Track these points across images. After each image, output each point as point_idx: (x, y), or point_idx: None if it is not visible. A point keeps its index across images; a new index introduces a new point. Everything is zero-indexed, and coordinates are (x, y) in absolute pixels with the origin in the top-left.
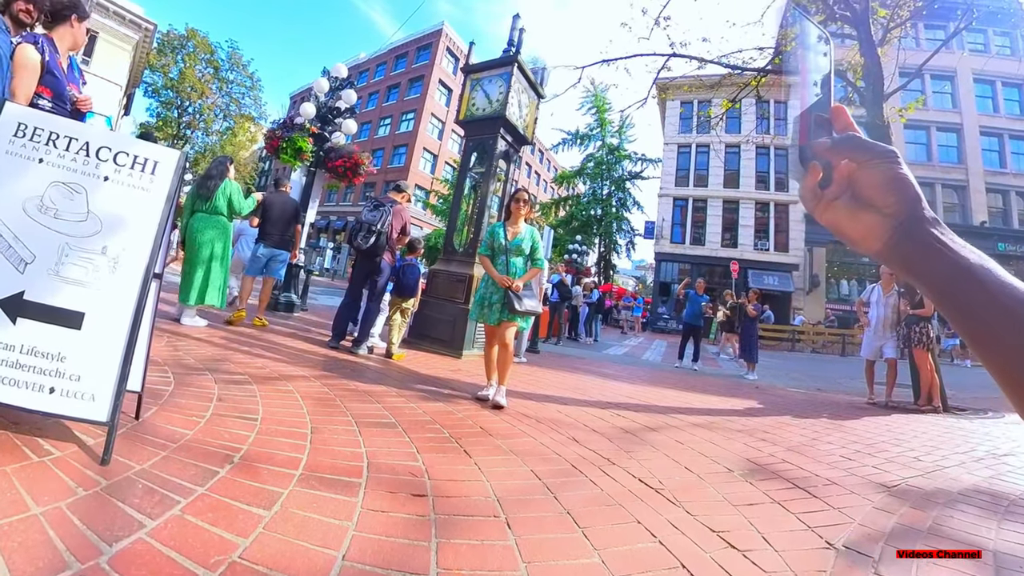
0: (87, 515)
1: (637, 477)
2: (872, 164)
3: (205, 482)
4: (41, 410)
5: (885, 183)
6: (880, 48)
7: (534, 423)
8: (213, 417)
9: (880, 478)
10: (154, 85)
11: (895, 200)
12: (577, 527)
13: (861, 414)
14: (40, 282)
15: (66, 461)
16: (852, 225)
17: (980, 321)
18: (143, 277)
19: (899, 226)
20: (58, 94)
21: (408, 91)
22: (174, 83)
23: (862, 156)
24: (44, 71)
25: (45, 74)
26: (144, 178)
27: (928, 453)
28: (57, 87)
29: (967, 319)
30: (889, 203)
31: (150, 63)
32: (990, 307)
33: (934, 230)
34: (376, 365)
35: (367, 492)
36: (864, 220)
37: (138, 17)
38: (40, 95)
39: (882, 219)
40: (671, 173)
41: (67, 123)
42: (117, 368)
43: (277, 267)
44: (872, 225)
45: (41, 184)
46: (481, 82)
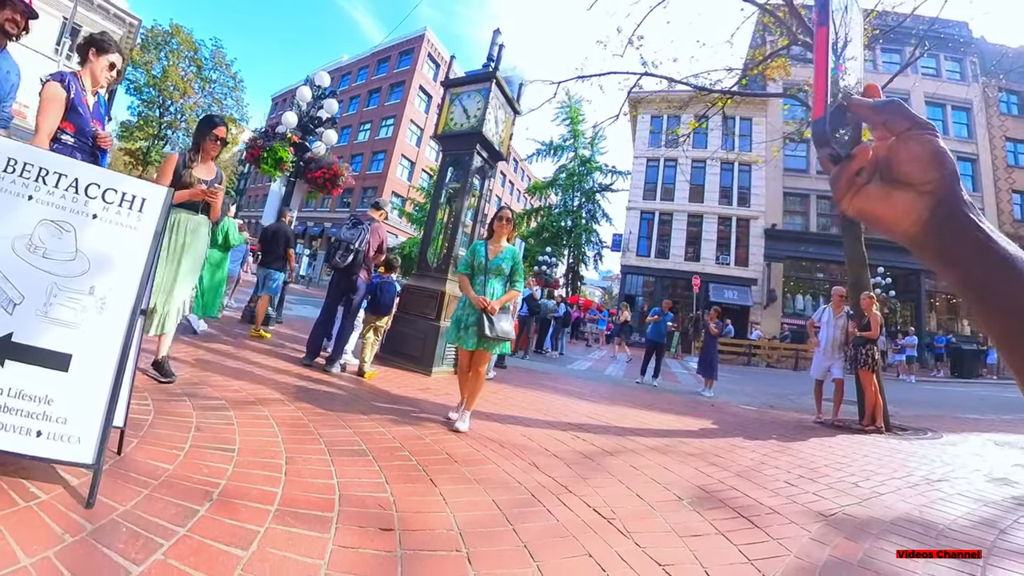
0: (75, 564)
1: (592, 507)
2: (912, 135)
3: (186, 522)
4: (28, 454)
5: (926, 156)
6: None
7: (498, 447)
8: (192, 449)
9: (819, 506)
10: (136, 83)
11: (937, 176)
12: (532, 561)
13: (808, 435)
14: (29, 324)
15: (52, 505)
16: (885, 206)
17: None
18: (129, 316)
19: (938, 206)
20: (80, 130)
21: (389, 96)
22: (157, 81)
23: (905, 123)
24: (68, 107)
25: (70, 111)
26: (132, 216)
27: (867, 479)
28: (80, 123)
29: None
30: (930, 179)
31: (133, 60)
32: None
33: (971, 214)
34: (348, 385)
35: (339, 527)
36: (899, 200)
37: (122, 12)
38: (63, 130)
39: (918, 197)
40: (639, 186)
41: (56, 158)
42: (103, 409)
43: (272, 285)
44: (908, 205)
45: (31, 222)
46: (460, 96)
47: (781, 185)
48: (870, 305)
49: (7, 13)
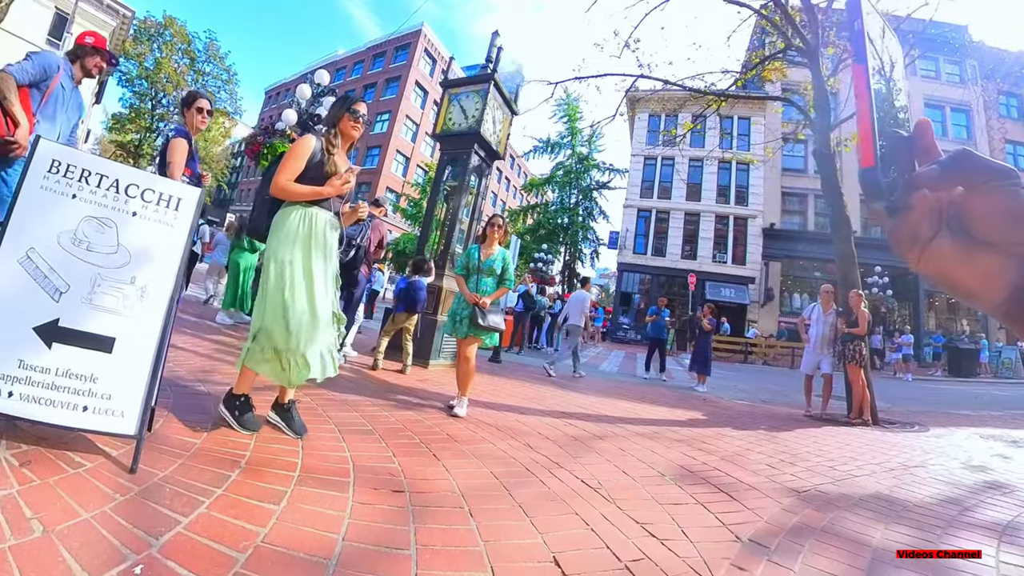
0: (130, 516)
1: (580, 479)
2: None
3: (221, 484)
4: (76, 427)
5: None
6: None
7: (494, 430)
8: (214, 428)
9: (795, 484)
10: (128, 75)
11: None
12: (526, 516)
13: (795, 426)
14: (74, 310)
15: (98, 471)
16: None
17: None
18: (168, 305)
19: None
20: (193, 172)
21: (384, 91)
22: (149, 73)
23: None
24: (190, 157)
25: (190, 160)
26: (169, 214)
27: (845, 463)
28: (193, 167)
29: None
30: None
31: (126, 51)
32: None
33: None
34: (350, 375)
35: (355, 489)
36: (982, 263)
37: (116, 3)
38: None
39: (1006, 260)
40: (637, 184)
41: (97, 160)
42: (144, 387)
43: None
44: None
45: (74, 218)
46: (459, 97)
47: (779, 184)
48: (858, 302)
49: (96, 60)
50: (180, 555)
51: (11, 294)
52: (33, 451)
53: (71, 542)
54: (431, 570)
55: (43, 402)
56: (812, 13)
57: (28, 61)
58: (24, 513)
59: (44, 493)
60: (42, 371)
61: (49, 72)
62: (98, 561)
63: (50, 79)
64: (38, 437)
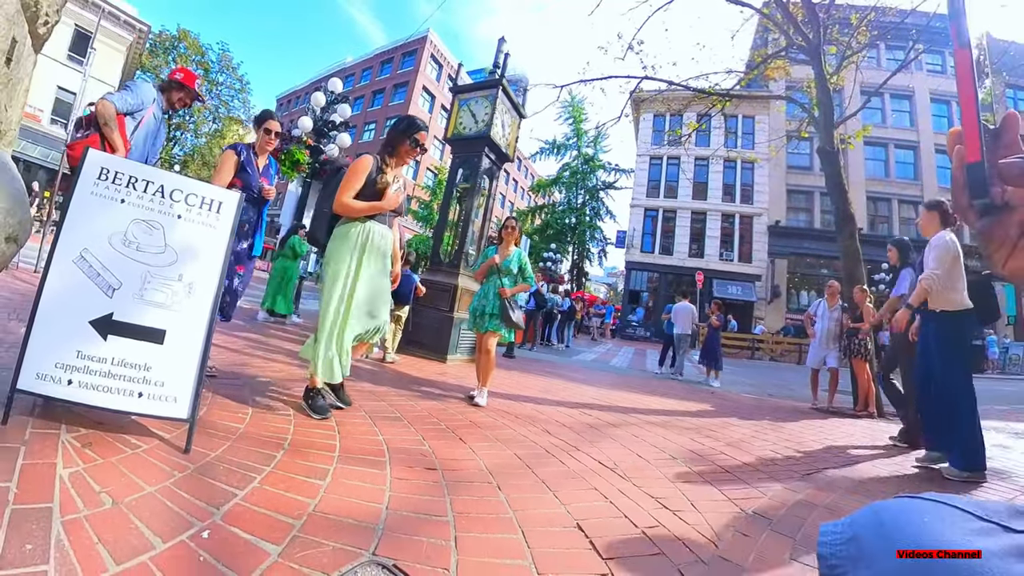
0: (190, 489)
1: (597, 460)
2: None
3: (269, 463)
4: (132, 411)
5: None
6: (837, 74)
7: (513, 418)
8: (255, 414)
9: (799, 467)
10: None
11: None
12: (549, 490)
13: (801, 417)
14: (127, 305)
15: (155, 452)
16: None
17: None
18: (213, 299)
19: None
20: (246, 185)
21: (393, 97)
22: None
23: None
24: (239, 168)
25: (240, 171)
26: (211, 216)
27: (849, 450)
28: (247, 180)
29: None
30: None
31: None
32: None
33: None
34: (372, 368)
35: (392, 467)
36: None
37: (132, 18)
38: (234, 185)
39: None
40: (643, 184)
41: (143, 168)
42: (195, 375)
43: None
44: None
45: (124, 221)
46: (468, 102)
47: (784, 182)
48: (863, 298)
49: (181, 95)
50: (241, 522)
51: (67, 291)
52: (92, 434)
53: (140, 512)
54: (469, 532)
55: (101, 389)
56: (813, 11)
57: (127, 91)
58: (92, 487)
59: (108, 471)
60: (99, 361)
61: (145, 102)
62: (168, 528)
63: (145, 108)
64: (95, 422)
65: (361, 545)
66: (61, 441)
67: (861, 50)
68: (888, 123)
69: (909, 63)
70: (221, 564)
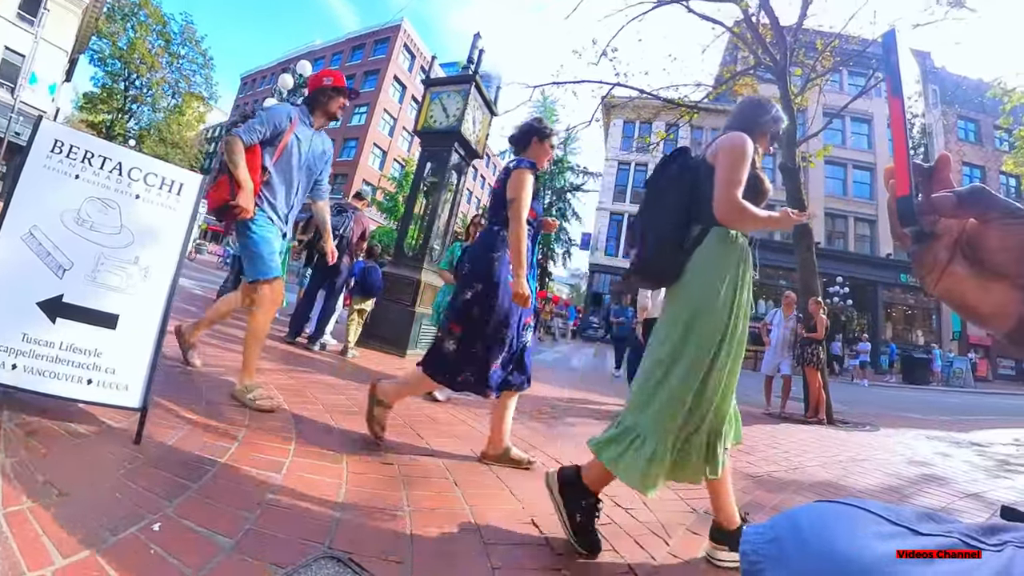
0: (141, 481)
1: (553, 457)
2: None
3: (223, 454)
4: (81, 399)
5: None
6: (802, 95)
7: (471, 414)
8: (208, 404)
9: (749, 470)
10: (101, 53)
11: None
12: (505, 487)
13: (753, 422)
14: (78, 287)
15: (104, 442)
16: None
17: None
18: (171, 285)
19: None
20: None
21: (363, 84)
22: (123, 53)
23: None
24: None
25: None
26: (171, 198)
27: (798, 455)
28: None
29: None
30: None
31: (99, 30)
32: None
33: None
34: (332, 361)
35: (348, 461)
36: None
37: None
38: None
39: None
40: (610, 188)
41: (99, 143)
42: (148, 362)
43: None
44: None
45: (78, 198)
46: (440, 95)
47: None
48: (817, 309)
49: (340, 101)
50: (194, 515)
51: (14, 270)
52: (38, 422)
53: (88, 504)
54: (425, 527)
55: (48, 375)
56: (781, 34)
57: (256, 119)
58: (37, 478)
59: (54, 461)
60: (47, 345)
61: (280, 127)
62: (117, 521)
63: (282, 133)
64: (41, 409)
65: (316, 538)
66: (4, 429)
67: (825, 74)
68: (848, 144)
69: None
70: (172, 557)
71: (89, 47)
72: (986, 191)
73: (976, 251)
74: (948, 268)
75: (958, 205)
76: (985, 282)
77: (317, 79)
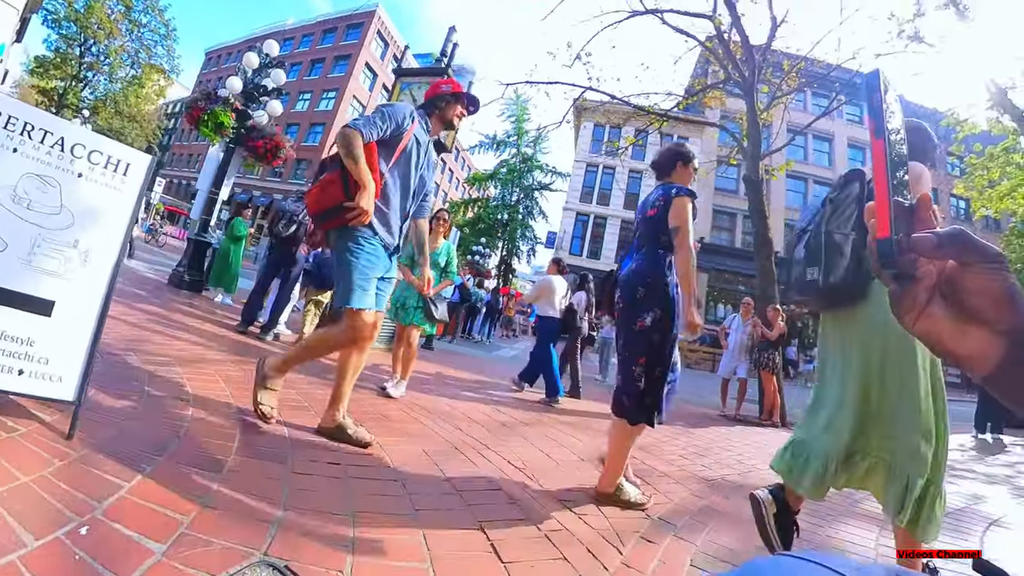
0: (70, 480)
1: (507, 459)
2: (982, 269)
3: (161, 453)
4: (10, 390)
5: (998, 294)
6: (767, 111)
7: (426, 412)
8: (150, 397)
9: (704, 474)
10: (56, 15)
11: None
12: (455, 491)
13: (710, 424)
14: (11, 270)
15: (33, 437)
16: (958, 341)
17: None
18: (112, 271)
19: (1013, 348)
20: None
21: (333, 68)
22: (79, 16)
23: (973, 256)
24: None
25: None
26: (116, 178)
27: (751, 457)
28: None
29: None
30: (1004, 319)
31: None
32: None
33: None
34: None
35: (294, 460)
36: (974, 337)
37: None
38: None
39: (993, 338)
40: (577, 189)
41: (41, 114)
42: (85, 353)
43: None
44: (983, 343)
45: (14, 174)
46: (411, 86)
47: (711, 202)
48: (775, 316)
49: (458, 109)
50: (125, 518)
51: None
52: None
53: (12, 505)
54: (369, 532)
55: None
56: (751, 52)
57: (378, 114)
58: None
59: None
60: None
61: (403, 125)
62: (42, 523)
63: (403, 133)
64: None
65: (253, 544)
66: None
67: (790, 93)
68: (810, 160)
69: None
70: (99, 564)
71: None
72: (965, 234)
73: (955, 293)
74: (926, 310)
75: (938, 246)
76: (963, 325)
77: (436, 86)
